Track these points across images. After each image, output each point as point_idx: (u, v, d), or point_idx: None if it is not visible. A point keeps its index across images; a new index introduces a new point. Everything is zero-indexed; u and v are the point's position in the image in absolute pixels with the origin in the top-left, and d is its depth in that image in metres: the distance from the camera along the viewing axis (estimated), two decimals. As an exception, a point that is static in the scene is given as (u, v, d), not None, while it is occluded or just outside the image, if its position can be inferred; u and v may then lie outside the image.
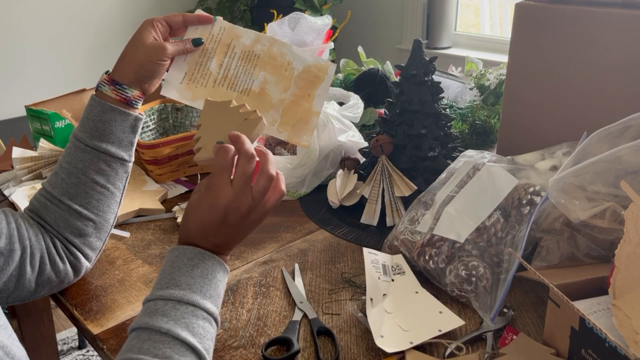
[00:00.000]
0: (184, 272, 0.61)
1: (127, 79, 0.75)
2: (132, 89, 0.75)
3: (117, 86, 0.75)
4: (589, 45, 0.89)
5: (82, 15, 2.91)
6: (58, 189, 0.74)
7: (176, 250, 0.64)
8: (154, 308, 0.59)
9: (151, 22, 0.77)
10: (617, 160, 0.68)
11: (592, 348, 0.57)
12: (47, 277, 0.73)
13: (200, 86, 0.80)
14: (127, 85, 0.75)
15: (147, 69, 0.75)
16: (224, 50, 0.80)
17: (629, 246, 0.59)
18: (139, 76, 0.75)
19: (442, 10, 2.94)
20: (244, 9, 3.16)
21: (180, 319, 0.58)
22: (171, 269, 0.62)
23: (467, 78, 1.40)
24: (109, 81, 0.75)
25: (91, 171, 0.74)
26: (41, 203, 0.75)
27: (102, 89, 0.75)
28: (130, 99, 0.76)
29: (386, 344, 0.65)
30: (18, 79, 2.77)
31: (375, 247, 0.85)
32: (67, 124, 1.18)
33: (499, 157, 0.86)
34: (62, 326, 2.08)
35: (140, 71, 0.75)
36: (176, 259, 0.63)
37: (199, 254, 0.63)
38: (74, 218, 0.74)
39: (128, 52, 0.76)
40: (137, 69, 0.75)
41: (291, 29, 1.49)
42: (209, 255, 0.63)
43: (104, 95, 0.75)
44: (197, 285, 0.61)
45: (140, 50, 0.75)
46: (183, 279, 0.61)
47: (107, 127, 0.75)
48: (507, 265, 0.72)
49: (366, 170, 1.01)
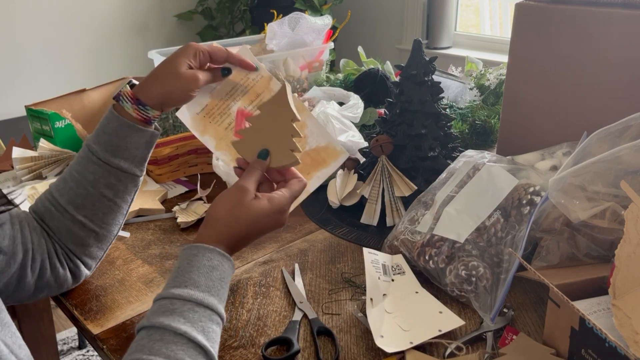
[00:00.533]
0: (203, 273, 0.60)
1: (152, 101, 0.73)
2: (155, 109, 0.74)
3: (140, 106, 0.73)
4: (589, 45, 0.89)
5: (82, 15, 2.91)
6: (65, 197, 0.74)
7: (195, 248, 0.63)
8: (171, 307, 0.57)
9: (193, 49, 0.74)
10: (617, 160, 0.68)
11: (592, 348, 0.57)
12: (46, 281, 0.73)
13: (214, 123, 0.78)
14: (150, 107, 0.73)
15: (175, 97, 0.74)
16: (252, 98, 0.78)
17: (629, 246, 0.59)
18: (166, 101, 0.74)
19: (442, 10, 2.94)
20: (244, 9, 3.16)
21: (197, 322, 0.57)
22: (189, 267, 0.61)
23: (467, 78, 1.40)
24: (132, 99, 0.72)
25: (101, 185, 0.73)
26: (46, 208, 0.74)
27: (123, 104, 0.73)
28: (151, 119, 0.74)
29: (386, 344, 0.65)
30: (18, 79, 2.77)
31: (375, 247, 0.85)
32: (67, 124, 1.18)
33: (499, 157, 0.86)
34: (62, 326, 2.08)
35: (169, 98, 0.73)
36: (194, 258, 0.62)
37: (219, 255, 0.63)
38: (77, 228, 0.74)
39: (160, 75, 0.73)
40: (165, 95, 0.73)
41: (291, 29, 1.49)
42: (227, 258, 0.63)
43: (123, 111, 0.73)
44: (215, 288, 0.60)
45: (173, 77, 0.72)
46: (202, 280, 0.60)
47: (122, 143, 0.73)
48: (507, 265, 0.72)
49: (366, 170, 1.01)
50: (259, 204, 0.66)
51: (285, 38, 1.49)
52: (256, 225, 0.66)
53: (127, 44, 3.10)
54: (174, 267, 0.63)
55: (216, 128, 0.78)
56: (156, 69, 0.74)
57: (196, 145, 1.10)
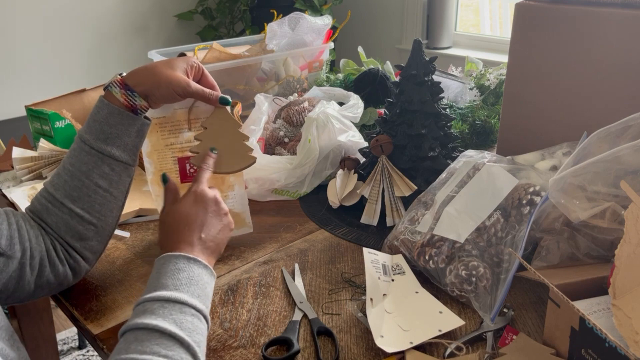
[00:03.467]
0: (170, 276, 0.63)
1: (140, 88, 0.74)
2: (142, 98, 0.75)
3: (128, 91, 0.74)
4: (589, 45, 0.89)
5: (82, 15, 2.91)
6: (60, 191, 0.74)
7: (162, 258, 0.66)
8: (142, 309, 0.59)
9: (192, 62, 0.79)
10: (617, 160, 0.68)
11: (592, 348, 0.57)
12: (46, 279, 0.73)
13: (159, 134, 0.83)
14: (138, 94, 0.74)
15: (162, 92, 0.75)
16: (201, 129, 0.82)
17: (629, 246, 0.59)
18: (152, 92, 0.75)
19: (442, 10, 2.94)
20: (244, 9, 3.16)
21: (168, 315, 0.58)
22: (158, 275, 0.63)
23: (467, 78, 1.40)
24: (121, 84, 0.74)
25: (94, 175, 0.74)
26: (42, 205, 0.74)
27: (111, 90, 0.74)
28: (137, 107, 0.75)
29: (386, 344, 0.65)
30: (18, 79, 2.77)
31: (375, 247, 0.85)
32: (67, 124, 1.18)
33: (499, 157, 0.86)
34: (62, 326, 2.08)
35: (155, 90, 0.75)
36: (162, 267, 0.64)
37: (184, 258, 0.65)
38: (75, 222, 0.74)
39: (155, 67, 0.76)
40: (153, 86, 0.75)
41: (291, 29, 1.49)
42: (194, 260, 0.65)
43: (112, 97, 0.74)
44: (184, 286, 0.62)
45: (167, 73, 0.75)
46: (170, 282, 0.62)
47: (114, 131, 0.74)
48: (507, 265, 0.72)
49: (366, 170, 1.01)
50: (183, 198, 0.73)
51: (285, 38, 1.49)
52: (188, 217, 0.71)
53: (127, 44, 3.10)
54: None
55: (158, 138, 0.84)
56: (153, 63, 0.77)
57: (196, 145, 1.10)
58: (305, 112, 1.17)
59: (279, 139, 1.16)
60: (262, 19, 2.74)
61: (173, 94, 0.76)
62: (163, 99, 0.77)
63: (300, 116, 1.17)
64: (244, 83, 1.47)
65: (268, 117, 1.18)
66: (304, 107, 1.19)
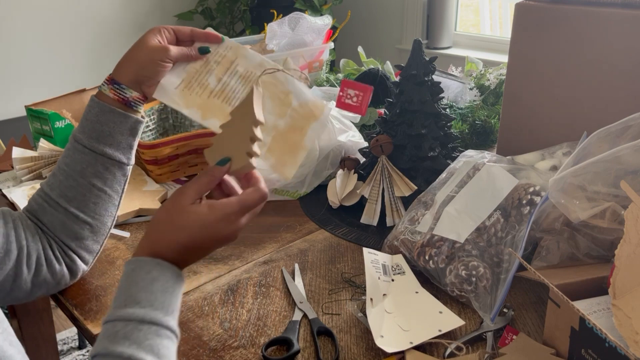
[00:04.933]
0: (142, 288, 0.57)
1: (127, 78, 0.74)
2: (132, 89, 0.74)
3: (115, 85, 0.74)
4: (589, 45, 0.89)
5: (82, 15, 2.91)
6: (56, 191, 0.74)
7: (132, 262, 0.59)
8: (114, 330, 0.54)
9: (158, 28, 0.76)
10: (617, 160, 0.68)
11: (592, 348, 0.57)
12: (43, 278, 0.72)
13: (195, 94, 0.78)
14: (126, 86, 0.74)
15: (148, 69, 0.74)
16: (227, 66, 0.79)
17: (629, 246, 0.60)
18: (139, 76, 0.74)
19: (442, 10, 2.94)
20: (244, 9, 3.16)
21: (143, 340, 0.53)
22: (128, 284, 0.57)
23: (467, 78, 1.40)
24: (108, 81, 0.74)
25: (89, 174, 0.74)
26: (39, 204, 0.75)
27: (102, 89, 0.74)
28: (129, 100, 0.74)
29: (386, 344, 0.65)
30: (18, 79, 2.77)
31: (375, 247, 0.85)
32: (67, 124, 1.18)
33: (499, 157, 0.86)
34: (62, 326, 2.08)
35: (141, 71, 0.74)
36: (132, 273, 0.58)
37: (158, 265, 0.58)
38: (71, 221, 0.74)
39: (130, 52, 0.75)
40: (137, 69, 0.74)
41: (291, 29, 1.49)
42: (167, 266, 0.59)
43: (103, 95, 0.74)
44: (158, 301, 0.56)
45: (143, 50, 0.74)
46: (143, 295, 0.56)
47: (106, 129, 0.73)
48: (507, 265, 0.72)
49: (366, 170, 1.01)
50: (195, 209, 0.60)
51: (285, 38, 1.49)
52: (194, 234, 0.60)
53: (127, 44, 3.06)
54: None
55: (197, 98, 0.78)
56: (128, 51, 0.75)
57: (196, 145, 1.10)
58: (305, 112, 1.17)
59: (279, 139, 1.16)
60: (262, 19, 2.74)
61: (160, 65, 0.74)
62: (154, 76, 0.75)
63: (300, 116, 1.17)
64: (244, 83, 1.47)
65: (268, 117, 1.18)
66: (304, 107, 1.19)
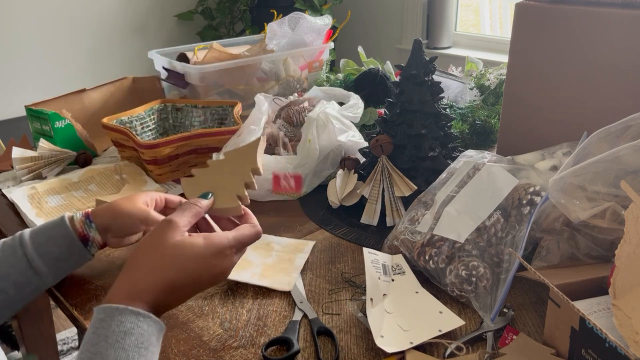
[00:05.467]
0: (112, 343, 0.50)
1: (100, 220, 0.74)
2: (98, 232, 0.74)
3: (87, 219, 0.74)
4: (589, 45, 0.89)
5: (82, 15, 2.91)
6: None
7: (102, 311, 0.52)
8: None
9: (152, 194, 0.77)
10: (617, 160, 0.68)
11: (592, 348, 0.57)
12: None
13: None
14: (95, 226, 0.74)
15: (123, 221, 0.73)
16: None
17: (629, 246, 0.60)
18: (110, 224, 0.74)
19: (442, 10, 2.94)
20: (244, 9, 3.16)
21: None
22: (96, 337, 0.50)
23: (467, 78, 1.40)
24: (84, 214, 0.74)
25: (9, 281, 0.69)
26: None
27: (75, 217, 0.74)
28: (89, 238, 0.74)
29: (386, 344, 0.65)
30: (18, 79, 2.77)
31: (375, 247, 0.85)
32: (67, 124, 1.18)
33: (499, 157, 0.86)
34: (62, 326, 2.08)
35: (113, 221, 0.74)
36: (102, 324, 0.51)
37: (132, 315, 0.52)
38: None
39: (117, 202, 0.75)
40: (112, 217, 0.74)
41: (291, 29, 1.49)
42: (143, 317, 0.52)
43: (73, 222, 0.74)
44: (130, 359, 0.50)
45: (127, 205, 0.74)
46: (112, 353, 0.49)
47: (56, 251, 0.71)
48: (507, 265, 0.72)
49: (366, 170, 1.01)
50: (190, 241, 0.56)
51: (285, 38, 1.49)
52: (187, 269, 0.55)
53: (127, 44, 3.10)
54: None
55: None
56: (115, 200, 0.76)
57: (196, 145, 1.10)
58: (305, 112, 1.17)
59: (279, 139, 1.16)
60: (262, 19, 2.74)
61: (135, 224, 0.74)
62: (124, 231, 0.75)
63: (300, 116, 1.17)
64: (244, 83, 1.47)
65: (268, 117, 1.18)
66: (304, 107, 1.19)
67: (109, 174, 1.11)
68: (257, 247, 0.88)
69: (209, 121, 1.25)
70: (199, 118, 1.26)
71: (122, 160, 1.17)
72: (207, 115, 1.25)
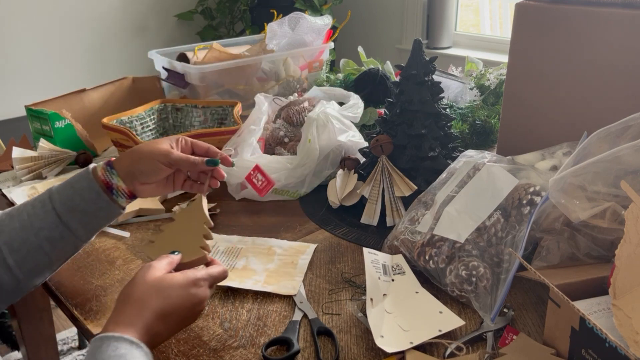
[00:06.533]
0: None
1: (122, 165, 0.73)
2: (121, 179, 0.73)
3: (108, 167, 0.73)
4: (589, 45, 0.89)
5: (82, 15, 2.91)
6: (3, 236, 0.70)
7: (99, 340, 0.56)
8: None
9: (177, 137, 0.77)
10: (617, 160, 0.68)
11: (592, 348, 0.57)
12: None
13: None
14: (117, 172, 0.73)
15: (144, 165, 0.73)
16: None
17: (629, 246, 0.59)
18: (134, 169, 0.73)
19: (442, 10, 2.94)
20: (244, 9, 3.16)
21: None
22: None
23: (467, 78, 1.40)
24: (106, 162, 0.73)
25: (43, 235, 0.70)
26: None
27: (97, 166, 0.74)
28: (113, 186, 0.72)
29: (386, 344, 0.65)
30: (18, 79, 2.77)
31: (375, 247, 0.85)
32: (67, 124, 1.18)
33: (499, 157, 0.86)
34: (62, 326, 2.08)
35: (137, 164, 0.73)
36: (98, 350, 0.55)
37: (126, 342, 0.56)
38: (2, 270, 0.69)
39: (138, 146, 0.75)
40: (135, 160, 0.73)
41: (291, 29, 1.49)
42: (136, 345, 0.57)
43: (96, 172, 0.73)
44: None
45: (150, 146, 0.74)
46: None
47: (83, 205, 0.71)
48: (507, 265, 0.72)
49: (366, 170, 1.01)
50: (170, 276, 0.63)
51: (285, 38, 1.49)
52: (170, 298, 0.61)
53: (127, 44, 3.10)
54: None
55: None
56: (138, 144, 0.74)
57: (196, 145, 1.10)
58: (305, 112, 1.17)
59: (279, 139, 1.16)
60: (262, 19, 2.74)
61: (157, 164, 0.73)
62: (148, 174, 0.74)
63: (300, 116, 1.17)
64: (244, 83, 1.47)
65: (268, 117, 1.18)
66: (304, 107, 1.19)
67: (109, 174, 1.11)
68: (259, 253, 0.88)
69: (209, 121, 1.25)
70: (199, 118, 1.26)
71: (122, 160, 1.17)
72: (207, 115, 1.25)
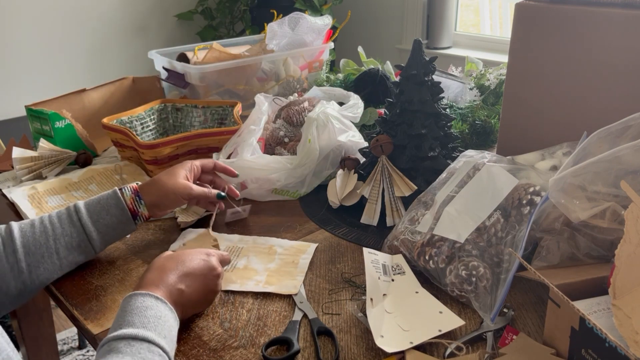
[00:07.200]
0: (136, 314, 0.61)
1: (149, 198, 0.85)
2: (146, 207, 0.84)
3: (137, 197, 0.84)
4: (589, 45, 0.89)
5: (82, 15, 2.91)
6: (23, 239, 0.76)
7: (129, 297, 0.64)
8: (108, 349, 0.57)
9: (190, 165, 0.90)
10: (617, 160, 0.68)
11: (592, 348, 0.57)
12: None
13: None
14: (144, 202, 0.84)
15: (169, 198, 0.86)
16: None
17: (629, 246, 0.59)
18: (159, 202, 0.85)
19: (442, 10, 2.94)
20: (244, 9, 3.16)
21: (136, 354, 0.56)
22: (123, 313, 0.62)
23: (467, 78, 1.40)
24: (133, 190, 0.84)
25: (62, 242, 0.79)
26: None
27: (124, 191, 0.84)
28: (138, 214, 0.84)
29: (386, 344, 0.65)
30: (18, 79, 2.77)
31: (375, 247, 0.85)
32: (67, 124, 1.18)
33: (499, 157, 0.86)
34: (62, 326, 2.08)
35: (163, 199, 0.86)
36: (128, 304, 0.63)
37: (152, 297, 0.64)
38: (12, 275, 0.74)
39: (162, 179, 0.87)
40: (162, 195, 0.85)
41: (291, 29, 1.49)
42: (161, 301, 0.64)
43: (124, 196, 0.83)
44: (151, 324, 0.60)
45: (172, 182, 0.86)
46: (137, 320, 0.60)
47: (108, 219, 0.81)
48: (507, 265, 0.72)
49: (366, 170, 1.01)
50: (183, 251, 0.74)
51: (285, 38, 1.49)
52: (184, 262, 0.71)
53: (127, 44, 3.10)
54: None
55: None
56: (158, 176, 0.88)
57: (196, 146, 1.10)
58: (305, 112, 1.17)
59: (279, 139, 1.16)
60: (262, 19, 2.74)
61: (179, 199, 0.87)
62: (170, 206, 0.89)
63: (300, 116, 1.17)
64: (244, 83, 1.47)
65: (268, 117, 1.18)
66: (304, 107, 1.19)
67: (109, 174, 1.12)
68: (260, 252, 0.88)
69: (209, 121, 1.25)
70: (199, 118, 1.26)
71: (122, 160, 1.17)
72: (207, 115, 1.25)
